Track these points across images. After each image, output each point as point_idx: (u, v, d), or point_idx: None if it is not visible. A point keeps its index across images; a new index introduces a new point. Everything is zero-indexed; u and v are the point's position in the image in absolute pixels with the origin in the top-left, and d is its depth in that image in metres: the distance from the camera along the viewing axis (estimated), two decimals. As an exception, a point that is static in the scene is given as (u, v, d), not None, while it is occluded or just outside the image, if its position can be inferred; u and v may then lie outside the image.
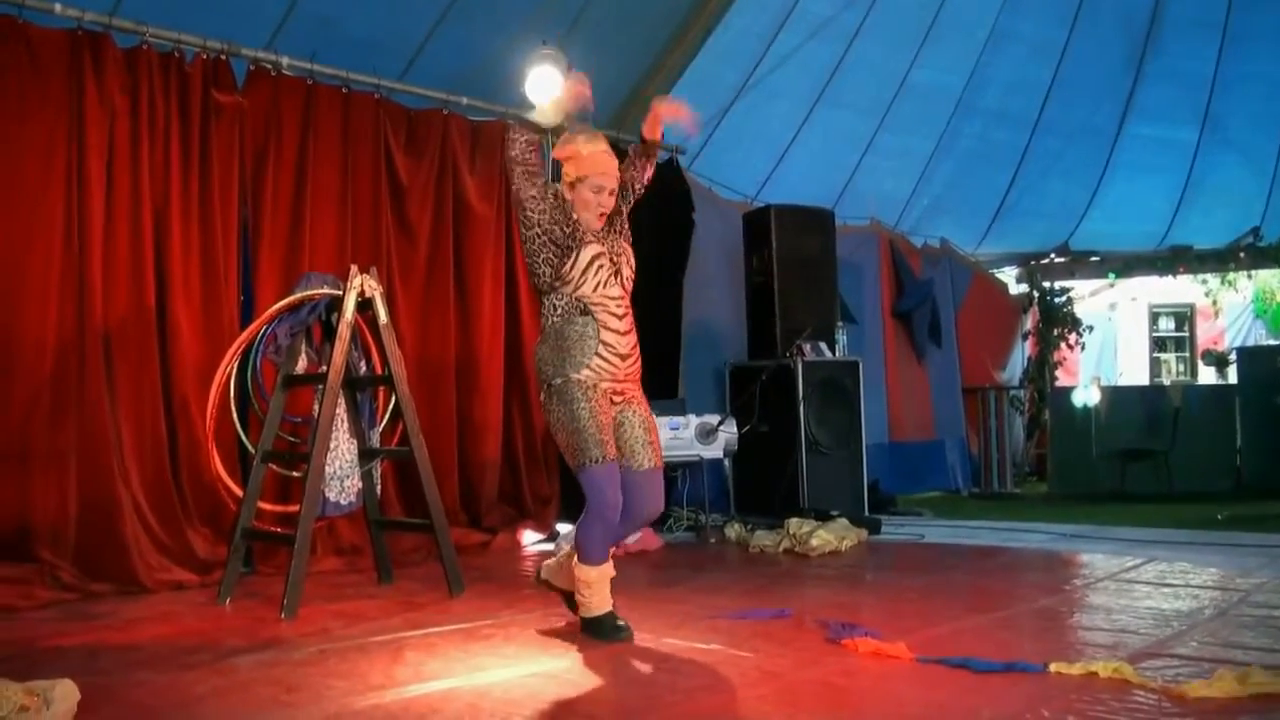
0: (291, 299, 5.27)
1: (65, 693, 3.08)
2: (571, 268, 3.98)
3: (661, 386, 7.81)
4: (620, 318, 4.07)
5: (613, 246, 4.12)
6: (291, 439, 5.61)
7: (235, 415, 5.34)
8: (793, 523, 6.55)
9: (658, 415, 6.94)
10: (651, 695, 3.30)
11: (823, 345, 7.89)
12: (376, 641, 4.09)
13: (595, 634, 4.07)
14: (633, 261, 4.16)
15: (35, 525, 5.09)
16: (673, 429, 7.00)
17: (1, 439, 5.08)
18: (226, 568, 5.05)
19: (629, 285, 4.14)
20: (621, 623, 4.08)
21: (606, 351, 4.02)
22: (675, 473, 7.48)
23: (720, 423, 7.18)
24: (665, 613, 4.55)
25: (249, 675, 3.62)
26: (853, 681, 3.44)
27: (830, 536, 6.39)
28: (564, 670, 3.61)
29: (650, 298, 7.80)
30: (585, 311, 3.99)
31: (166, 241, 5.66)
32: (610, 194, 4.09)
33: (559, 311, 4.02)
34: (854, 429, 7.81)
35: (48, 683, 3.11)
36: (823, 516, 6.79)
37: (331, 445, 5.19)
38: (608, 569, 4.13)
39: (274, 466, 5.43)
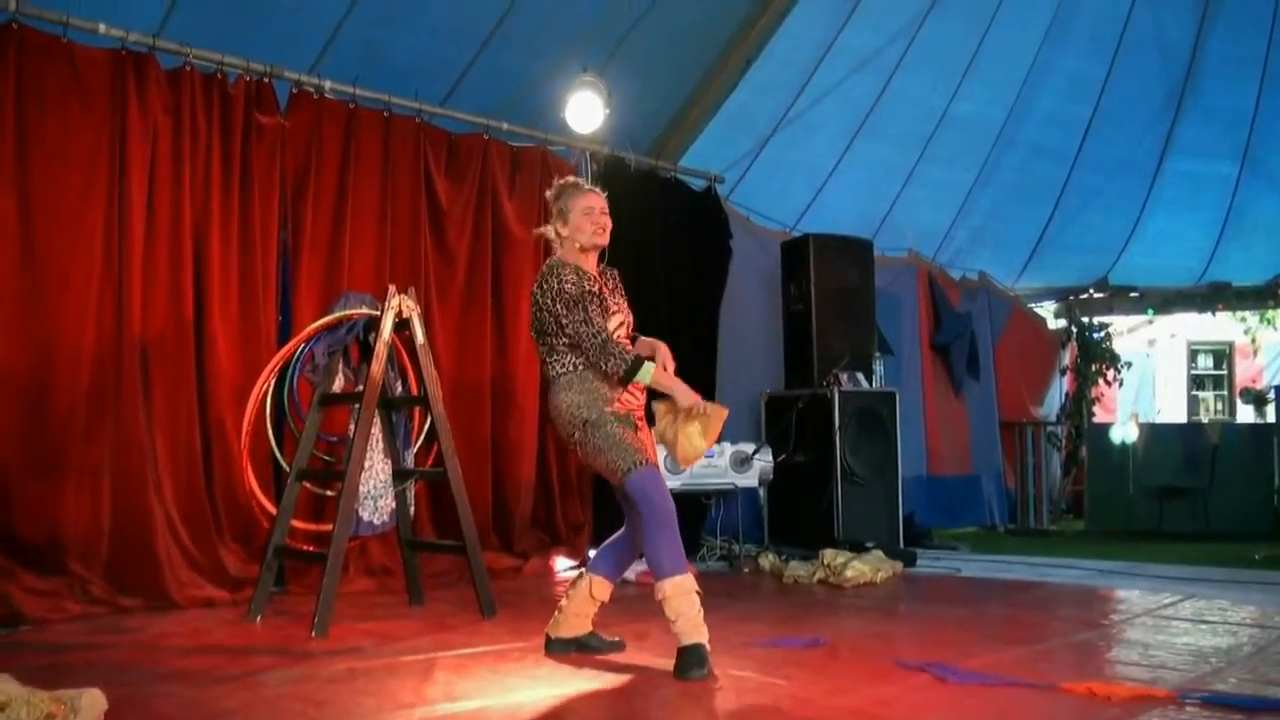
0: (329, 318, 5.27)
1: (92, 701, 3.06)
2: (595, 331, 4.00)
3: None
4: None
5: (624, 310, 4.22)
6: (326, 458, 5.61)
7: (271, 433, 5.33)
8: (827, 553, 6.48)
9: (692, 442, 6.93)
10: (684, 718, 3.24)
11: (859, 375, 7.81)
12: (407, 661, 4.06)
13: (682, 664, 3.80)
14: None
15: (67, 538, 5.09)
16: (707, 456, 6.92)
17: (36, 451, 5.09)
18: (258, 585, 5.04)
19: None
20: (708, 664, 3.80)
21: (626, 397, 4.07)
22: (709, 500, 7.41)
23: (755, 451, 7.11)
24: (698, 639, 4.47)
25: (277, 691, 3.60)
26: (888, 710, 3.37)
27: (865, 568, 6.32)
28: (596, 692, 3.56)
29: (686, 324, 7.79)
30: (602, 375, 4.01)
31: (206, 258, 5.68)
32: (602, 212, 4.13)
33: (578, 366, 4.01)
34: (890, 461, 7.72)
35: (75, 691, 3.10)
36: (858, 548, 6.70)
37: (366, 465, 5.17)
38: (692, 580, 3.92)
39: (308, 485, 5.41)
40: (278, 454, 5.39)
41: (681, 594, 3.86)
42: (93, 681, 3.20)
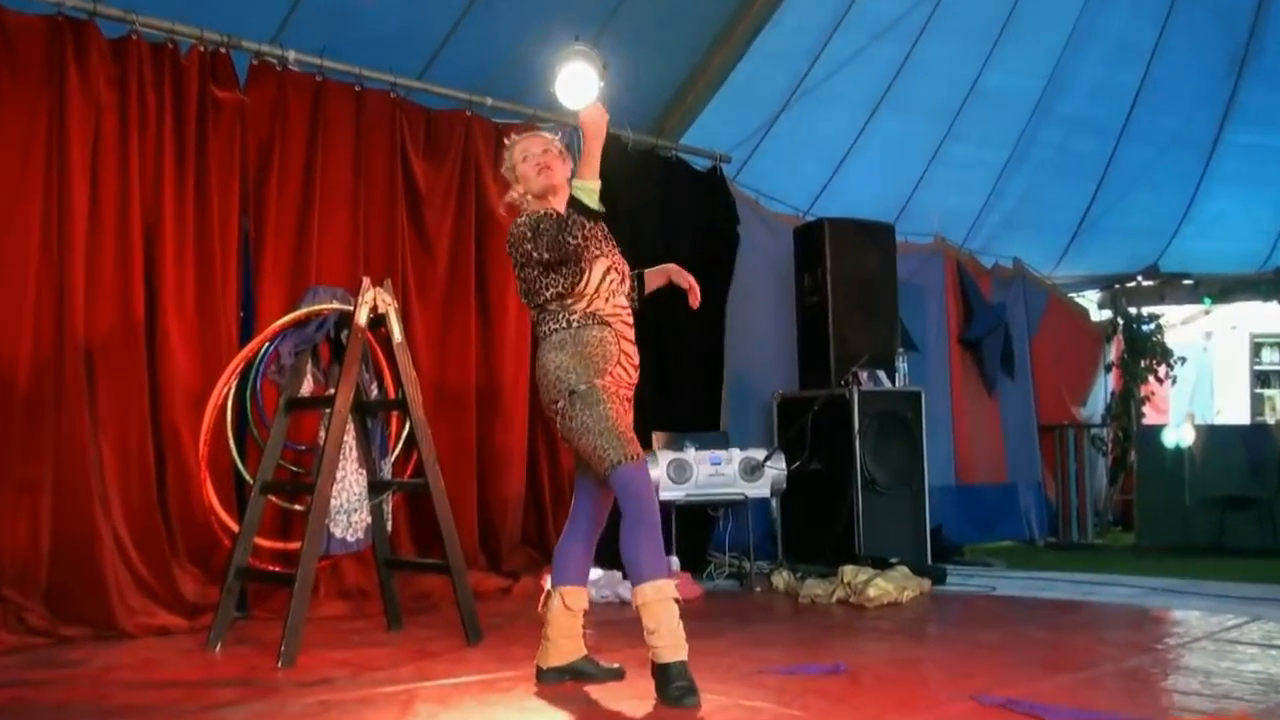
0: (297, 314, 5.26)
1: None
2: (585, 284, 4.05)
3: (701, 418, 7.76)
4: (631, 328, 4.18)
5: (616, 258, 4.23)
6: (294, 468, 5.60)
7: (232, 441, 5.32)
8: (847, 570, 6.47)
9: (697, 449, 6.95)
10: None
11: (881, 374, 7.80)
12: (384, 693, 4.04)
13: (664, 687, 3.80)
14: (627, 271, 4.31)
15: (1, 561, 5.07)
16: (714, 464, 6.94)
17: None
18: (218, 611, 5.02)
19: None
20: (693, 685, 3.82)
21: (625, 361, 4.11)
22: (716, 512, 7.40)
23: (767, 458, 7.10)
24: (706, 666, 4.44)
25: (240, 727, 3.59)
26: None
27: (889, 586, 6.31)
28: (591, 727, 3.55)
29: (688, 320, 7.75)
30: (602, 323, 4.06)
31: (158, 249, 5.67)
32: (544, 152, 4.25)
33: (573, 323, 4.04)
34: (916, 468, 7.71)
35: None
36: (881, 564, 6.69)
37: (338, 476, 5.16)
38: (673, 587, 3.93)
39: (274, 499, 5.40)
40: (240, 465, 5.38)
41: (662, 600, 3.87)
42: (28, 722, 3.19)
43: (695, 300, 4.39)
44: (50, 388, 5.28)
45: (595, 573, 6.83)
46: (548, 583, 4.25)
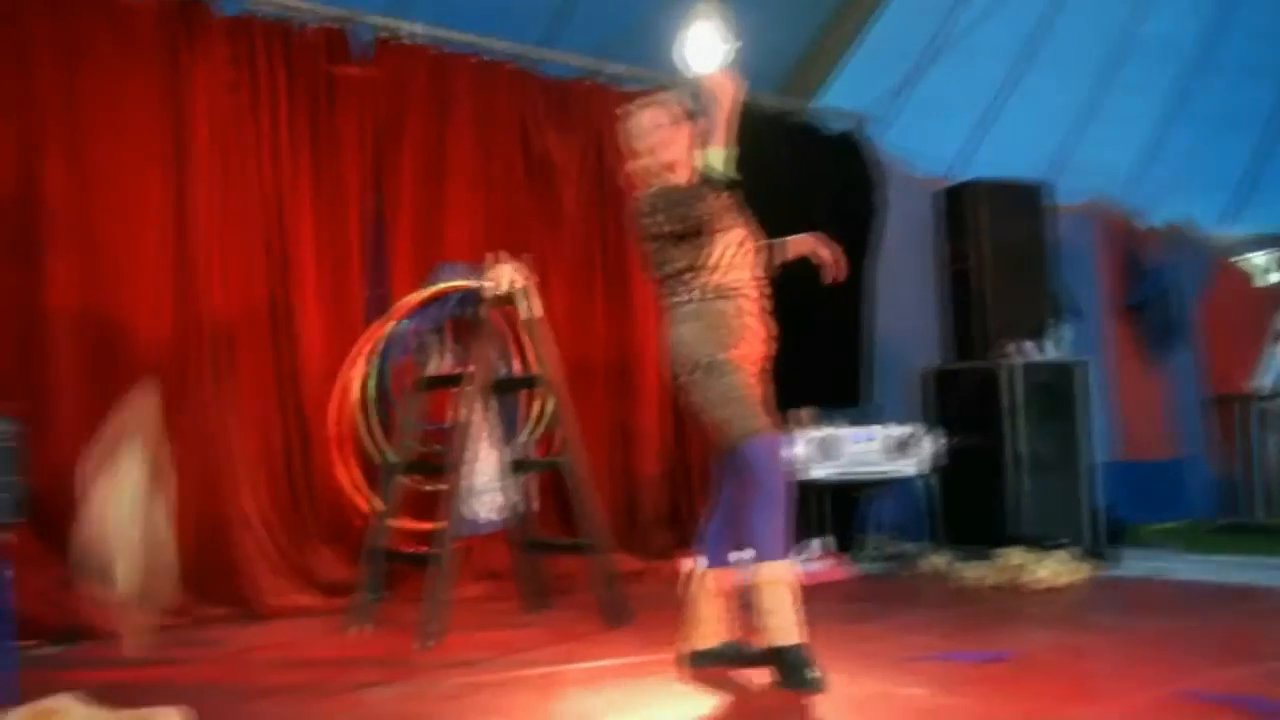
0: (427, 292, 5.35)
1: (167, 722, 3.14)
2: (712, 256, 4.04)
3: (843, 393, 7.69)
4: (762, 300, 4.16)
5: (747, 228, 4.20)
6: (429, 449, 5.68)
7: (364, 422, 5.43)
8: (1005, 553, 6.38)
9: (841, 425, 6.89)
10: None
11: (1037, 344, 7.65)
12: (528, 675, 4.11)
13: (786, 671, 3.79)
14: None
15: (143, 544, 5.25)
16: (862, 441, 6.87)
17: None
18: (356, 592, 5.14)
19: None
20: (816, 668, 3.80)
21: (753, 336, 4.10)
22: (864, 493, 7.34)
23: (918, 435, 7.02)
24: (858, 653, 4.45)
25: (383, 709, 3.69)
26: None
27: (1051, 570, 6.22)
28: (741, 714, 3.54)
29: (829, 293, 7.68)
30: (729, 297, 4.04)
31: (285, 230, 5.82)
32: (659, 127, 4.20)
33: (700, 297, 4.03)
34: (1076, 444, 7.54)
35: (150, 711, 3.19)
36: (1041, 546, 6.57)
37: (475, 456, 5.23)
38: (794, 573, 3.93)
39: (409, 480, 5.49)
40: (373, 446, 5.49)
41: (782, 584, 3.85)
42: (172, 700, 3.31)
43: (836, 275, 4.36)
44: (179, 372, 5.45)
45: (739, 555, 6.84)
46: (690, 565, 4.24)
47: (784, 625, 3.81)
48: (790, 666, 3.76)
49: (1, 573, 3.48)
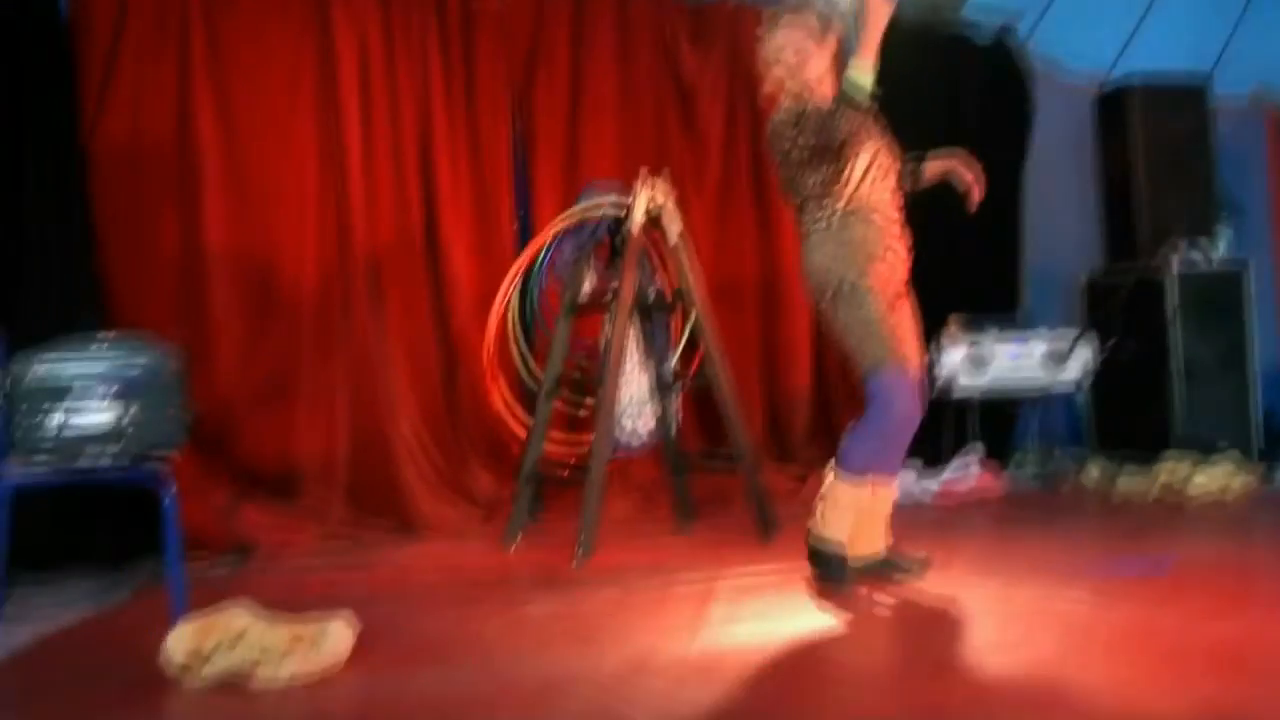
0: (573, 214, 5.38)
1: (338, 632, 3.27)
2: (849, 176, 3.99)
3: (999, 301, 7.54)
4: (900, 216, 4.14)
5: (885, 143, 4.13)
6: (580, 370, 5.75)
7: (516, 345, 5.52)
8: (1166, 463, 6.25)
9: (997, 337, 6.78)
10: (1007, 650, 3.20)
11: (1198, 248, 7.39)
12: (680, 588, 4.16)
13: (822, 567, 3.97)
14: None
15: (304, 465, 5.46)
16: (1015, 352, 6.75)
17: (265, 376, 5.45)
18: (513, 510, 5.26)
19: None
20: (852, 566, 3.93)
21: (893, 257, 4.07)
22: (1019, 405, 7.23)
23: (1073, 345, 6.86)
24: (1015, 565, 4.41)
25: (543, 619, 3.77)
26: (1256, 648, 3.21)
27: (1212, 480, 6.09)
28: (897, 623, 3.56)
29: (984, 200, 7.54)
30: (866, 219, 4.01)
31: (432, 159, 5.90)
32: (797, 51, 4.11)
33: (835, 219, 4.00)
34: (1240, 349, 7.29)
35: (319, 620, 3.31)
36: (1204, 455, 6.41)
37: (623, 376, 5.28)
38: (864, 495, 3.97)
39: (561, 401, 5.58)
40: (526, 368, 5.58)
41: (852, 501, 3.93)
42: (338, 610, 3.43)
43: (975, 199, 4.27)
44: (337, 300, 5.61)
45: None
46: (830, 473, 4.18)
47: (833, 518, 3.94)
48: (822, 563, 3.96)
49: (170, 493, 3.64)
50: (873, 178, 4.02)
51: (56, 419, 3.47)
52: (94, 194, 5.06)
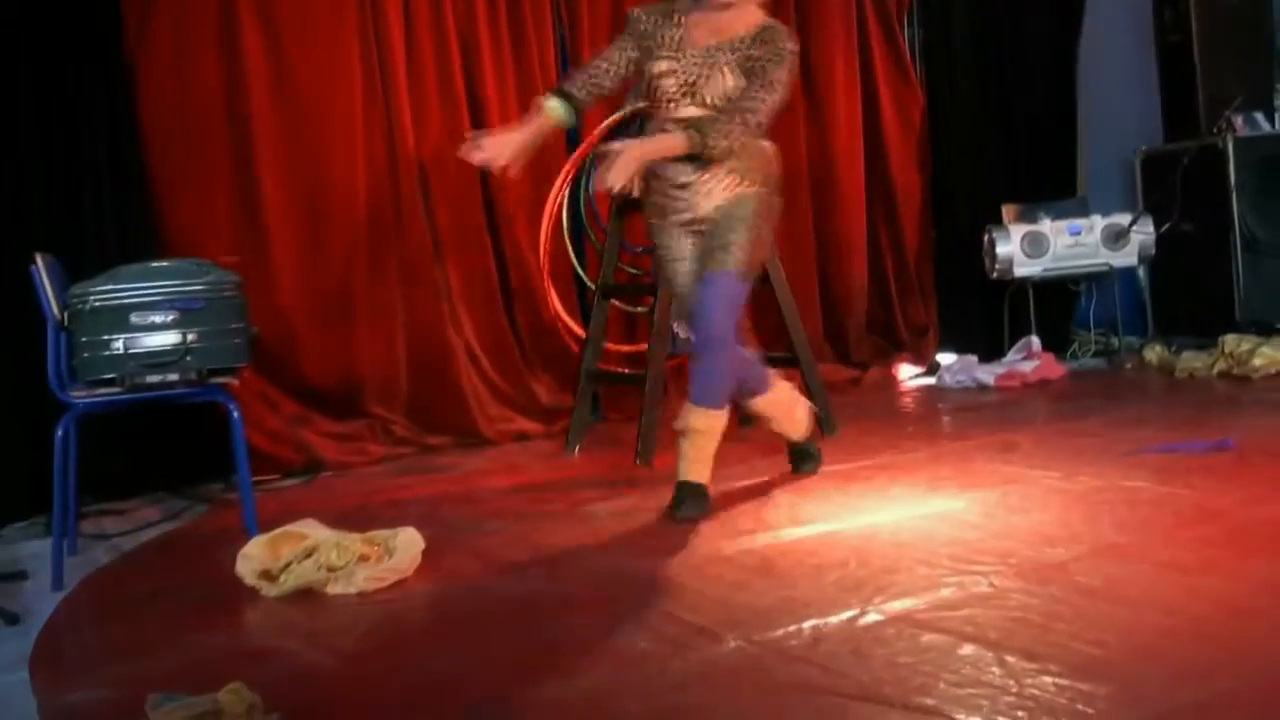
0: (619, 114, 5.33)
1: (408, 540, 3.32)
2: None
3: (1056, 184, 7.42)
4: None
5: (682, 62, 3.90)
6: (633, 271, 5.74)
7: (570, 249, 5.51)
8: (1228, 340, 6.14)
9: (1054, 218, 6.68)
10: (1070, 534, 3.20)
11: (1259, 116, 7.19)
12: (743, 486, 4.19)
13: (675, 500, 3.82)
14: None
15: (364, 379, 5.48)
16: (1073, 234, 6.65)
17: (322, 292, 5.47)
18: (573, 415, 5.28)
19: None
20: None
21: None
22: (1079, 287, 7.14)
23: (1132, 223, 6.74)
24: (1076, 448, 4.40)
25: (607, 522, 3.82)
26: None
27: (1276, 356, 5.95)
28: (959, 511, 3.56)
29: (1036, 76, 7.41)
30: None
31: (477, 65, 5.82)
32: None
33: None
34: (1305, 221, 7.14)
35: (389, 531, 3.37)
36: (1266, 331, 6.31)
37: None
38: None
39: (616, 303, 5.57)
40: (580, 271, 5.57)
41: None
42: (406, 522, 3.48)
43: (597, 184, 4.07)
44: (389, 214, 5.57)
45: (948, 358, 6.79)
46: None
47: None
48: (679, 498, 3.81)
49: (237, 410, 3.69)
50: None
51: (119, 344, 3.51)
52: (142, 117, 5.07)
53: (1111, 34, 7.98)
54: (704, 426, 3.82)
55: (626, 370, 5.59)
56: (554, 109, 3.85)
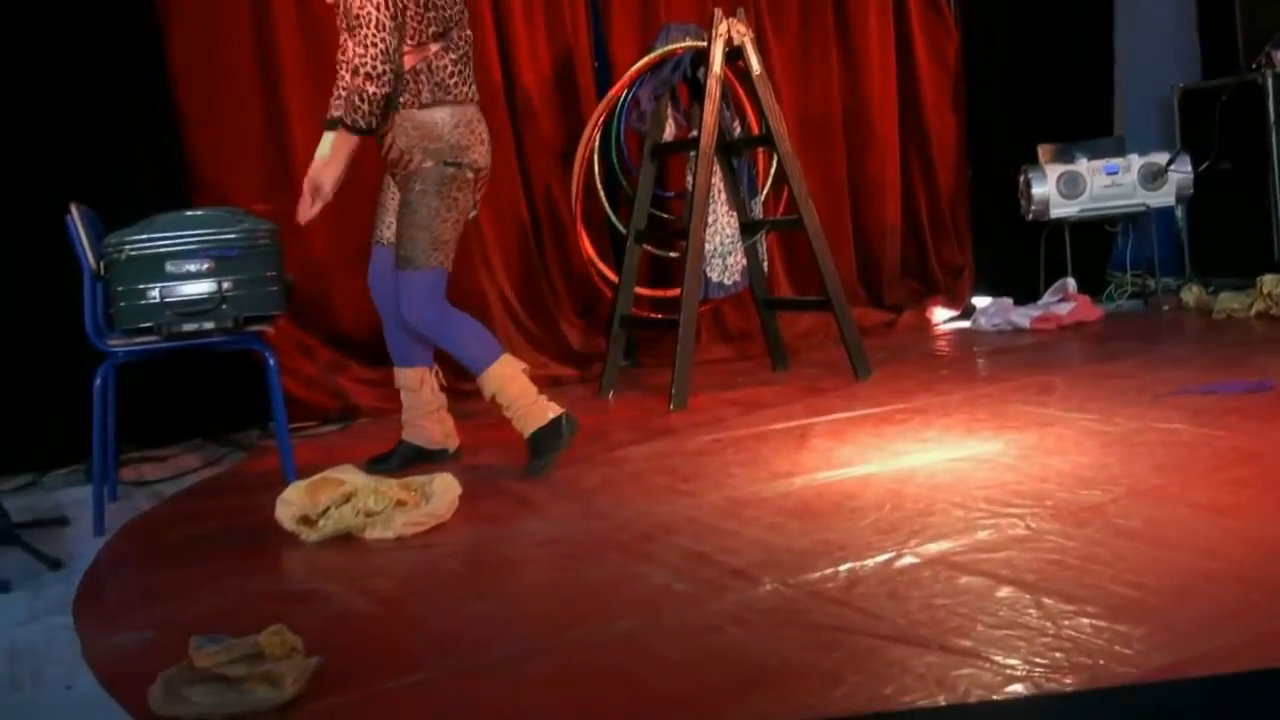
0: (651, 57, 5.29)
1: (445, 485, 3.34)
2: None
3: (1092, 122, 7.33)
4: None
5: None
6: (666, 215, 5.73)
7: (602, 194, 5.49)
8: (1267, 280, 6.08)
9: (1090, 158, 6.61)
10: (1108, 476, 3.18)
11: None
12: (777, 430, 4.19)
13: (547, 450, 3.78)
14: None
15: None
16: (1109, 173, 6.58)
17: (354, 240, 5.45)
18: (606, 360, 5.29)
19: None
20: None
21: None
22: (1115, 227, 7.07)
23: (1170, 161, 6.66)
24: (1112, 390, 4.37)
25: (642, 466, 3.82)
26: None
27: (1315, 296, 5.91)
28: (995, 454, 3.54)
29: (1071, 12, 7.29)
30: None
31: (506, 10, 5.78)
32: None
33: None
34: (1346, 159, 7.03)
35: (425, 477, 3.40)
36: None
37: (710, 219, 5.25)
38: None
39: (648, 247, 5.56)
40: (612, 216, 5.55)
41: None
42: (442, 467, 3.49)
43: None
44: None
45: (983, 301, 6.75)
46: None
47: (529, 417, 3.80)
48: (531, 451, 3.78)
49: (273, 356, 3.71)
50: None
51: (155, 293, 3.52)
52: (173, 66, 5.06)
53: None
54: (493, 384, 3.79)
55: (659, 315, 5.58)
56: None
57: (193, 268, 3.55)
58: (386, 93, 3.66)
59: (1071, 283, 6.54)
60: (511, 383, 3.79)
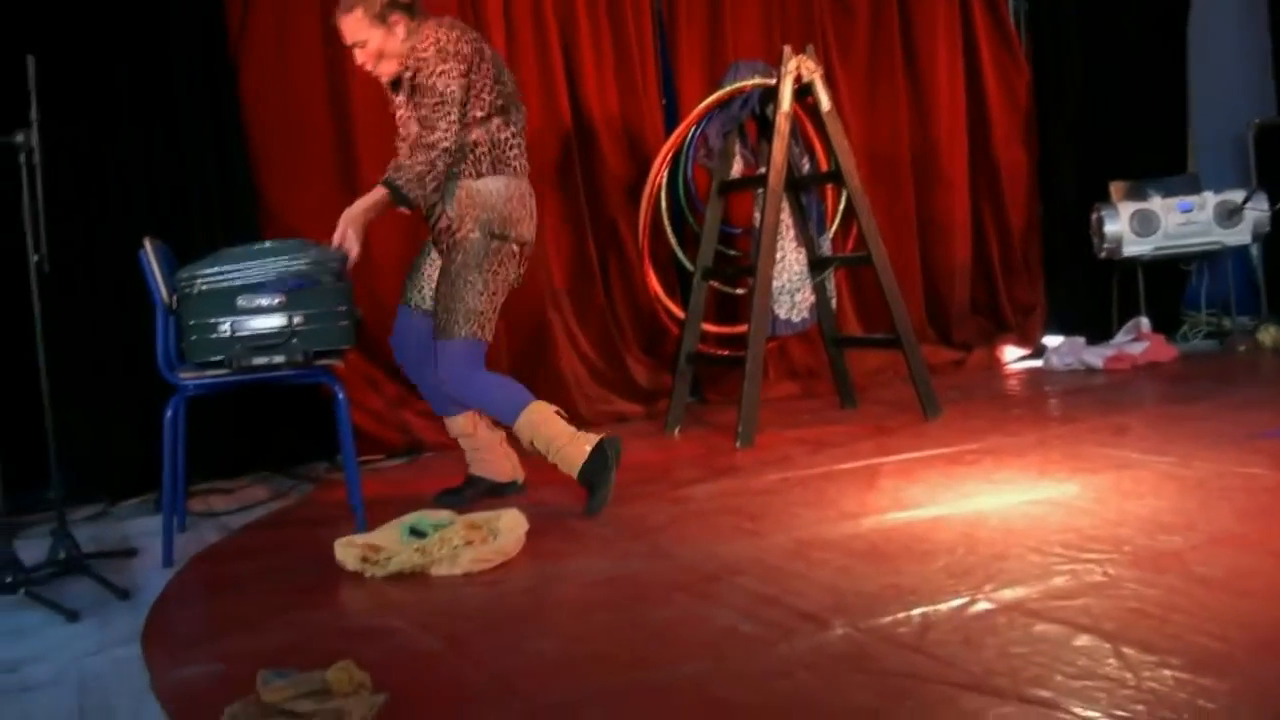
0: (720, 94, 5.29)
1: (513, 522, 3.32)
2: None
3: (1166, 159, 7.23)
4: None
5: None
6: (733, 252, 5.71)
7: (669, 230, 5.48)
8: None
9: (1164, 196, 6.51)
10: (1187, 521, 3.10)
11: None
12: (845, 469, 4.14)
13: (600, 485, 3.77)
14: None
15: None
16: (1184, 211, 6.48)
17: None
18: (672, 396, 5.27)
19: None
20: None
21: None
22: (1190, 266, 6.96)
23: (1246, 199, 6.55)
24: (1190, 432, 4.28)
25: (707, 505, 3.78)
26: None
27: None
28: (1070, 497, 3.47)
29: (1144, 50, 7.20)
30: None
31: (574, 49, 5.81)
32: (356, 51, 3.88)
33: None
34: None
35: (493, 513, 3.38)
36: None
37: (778, 256, 5.23)
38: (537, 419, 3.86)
39: (716, 284, 5.54)
40: (679, 253, 5.54)
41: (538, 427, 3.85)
42: (508, 503, 3.46)
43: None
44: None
45: (1054, 340, 6.66)
46: None
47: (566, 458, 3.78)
48: (587, 489, 3.78)
49: (342, 390, 3.71)
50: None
51: (226, 326, 3.54)
52: (246, 102, 5.12)
53: (1222, 3, 7.76)
54: (528, 432, 3.81)
55: (726, 352, 5.55)
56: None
57: (264, 302, 3.56)
58: (450, 164, 3.73)
59: (1145, 322, 6.45)
60: (544, 426, 3.80)
